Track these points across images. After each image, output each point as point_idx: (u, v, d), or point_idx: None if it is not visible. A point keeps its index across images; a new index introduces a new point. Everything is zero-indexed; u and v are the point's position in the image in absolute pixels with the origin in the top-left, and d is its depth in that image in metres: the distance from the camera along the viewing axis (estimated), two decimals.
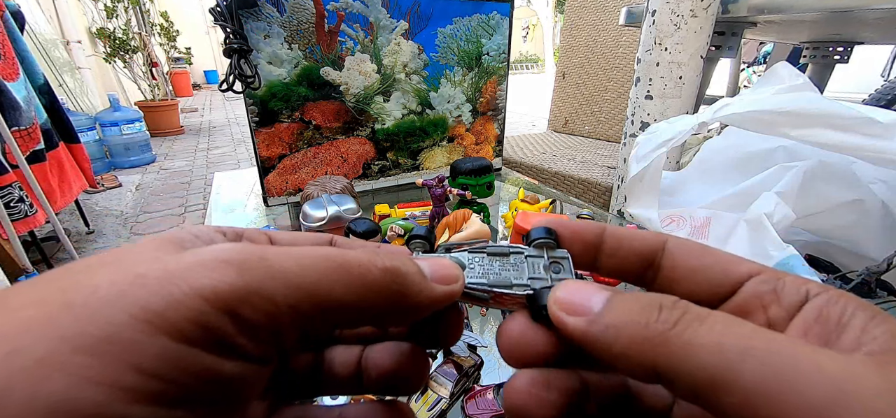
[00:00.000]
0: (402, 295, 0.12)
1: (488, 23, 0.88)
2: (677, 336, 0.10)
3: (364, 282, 0.11)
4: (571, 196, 1.15)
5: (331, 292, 0.11)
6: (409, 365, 0.15)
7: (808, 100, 0.38)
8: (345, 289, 0.11)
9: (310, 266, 0.11)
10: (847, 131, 0.35)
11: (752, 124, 0.40)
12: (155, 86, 3.60)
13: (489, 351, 0.46)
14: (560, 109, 1.80)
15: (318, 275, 0.11)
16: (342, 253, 0.11)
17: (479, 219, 0.59)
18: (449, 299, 0.14)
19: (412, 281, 0.12)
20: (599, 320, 0.12)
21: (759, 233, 0.39)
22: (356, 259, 0.12)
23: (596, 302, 0.12)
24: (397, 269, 0.12)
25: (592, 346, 0.12)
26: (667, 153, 0.46)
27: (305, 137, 0.78)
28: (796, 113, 0.37)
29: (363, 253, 0.12)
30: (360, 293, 0.11)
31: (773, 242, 0.37)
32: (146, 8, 3.85)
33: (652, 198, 0.48)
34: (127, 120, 2.72)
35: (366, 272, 0.11)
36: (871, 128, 0.34)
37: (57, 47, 2.72)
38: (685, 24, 0.72)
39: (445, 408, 0.37)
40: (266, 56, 0.69)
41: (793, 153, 0.47)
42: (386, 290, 0.12)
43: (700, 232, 0.45)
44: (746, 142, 0.52)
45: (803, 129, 0.37)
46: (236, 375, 0.10)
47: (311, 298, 0.11)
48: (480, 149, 0.99)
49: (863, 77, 2.76)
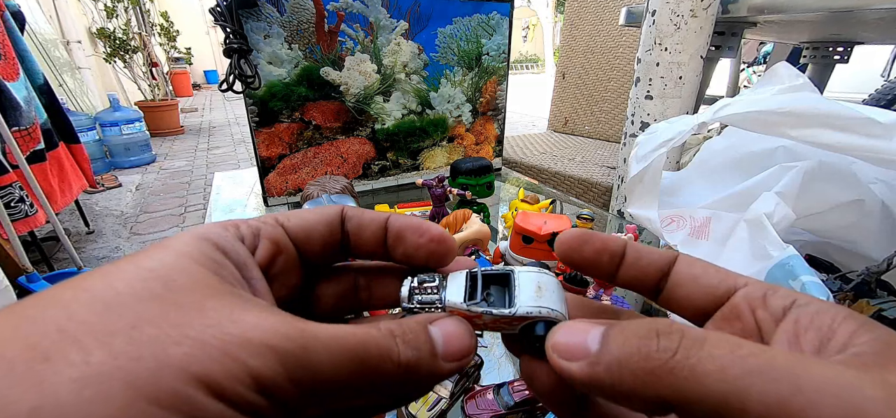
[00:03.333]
0: (415, 383, 0.13)
1: (488, 23, 0.88)
2: (680, 364, 0.10)
3: (381, 372, 0.12)
4: (571, 196, 1.15)
5: (350, 384, 0.12)
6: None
7: (807, 100, 0.38)
8: (363, 381, 0.12)
9: (340, 364, 0.12)
10: (847, 131, 0.34)
11: (752, 124, 0.40)
12: (155, 86, 3.60)
13: (489, 351, 0.46)
14: (560, 109, 1.80)
15: (347, 374, 0.12)
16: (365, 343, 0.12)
17: (479, 219, 0.59)
18: (459, 370, 0.14)
19: (425, 368, 0.13)
20: (600, 360, 0.12)
21: (759, 233, 0.39)
22: (377, 350, 0.12)
23: (592, 340, 0.12)
24: (415, 366, 0.13)
25: (600, 390, 0.12)
26: (667, 154, 0.46)
27: (305, 137, 0.78)
28: (796, 113, 0.37)
29: (383, 337, 0.13)
30: (377, 383, 0.12)
31: (772, 242, 0.37)
32: (146, 8, 3.85)
33: (652, 199, 0.47)
34: (127, 120, 2.72)
35: (384, 366, 0.12)
36: (871, 129, 0.34)
37: (57, 47, 2.72)
38: (685, 24, 0.72)
39: (445, 408, 0.37)
40: (266, 56, 0.69)
41: (793, 153, 0.47)
42: (401, 379, 0.13)
43: (700, 232, 0.45)
44: (746, 142, 0.52)
45: (803, 130, 0.37)
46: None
47: (334, 389, 0.12)
48: (480, 149, 0.99)
49: (863, 77, 2.76)
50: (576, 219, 0.59)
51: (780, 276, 0.34)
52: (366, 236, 0.17)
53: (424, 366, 0.13)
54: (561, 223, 0.55)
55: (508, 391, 0.37)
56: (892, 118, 0.33)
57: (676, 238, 0.45)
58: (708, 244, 0.44)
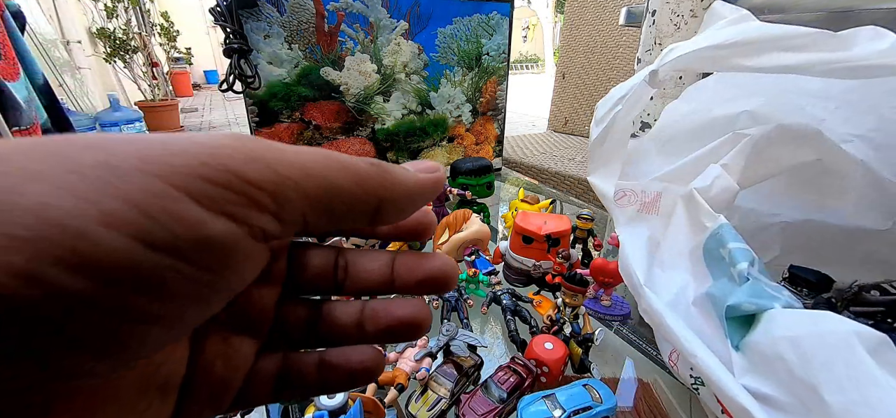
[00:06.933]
0: (390, 181, 0.13)
1: (488, 23, 0.88)
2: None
3: (357, 171, 0.12)
4: (571, 196, 1.15)
5: (327, 174, 0.12)
6: (414, 310, 0.16)
7: (755, 28, 0.36)
8: (340, 173, 0.12)
9: (309, 151, 0.12)
10: (802, 50, 0.33)
11: (703, 63, 0.38)
12: (155, 86, 3.60)
13: (489, 351, 0.46)
14: (560, 109, 1.80)
15: (317, 159, 0.12)
16: (334, 152, 0.13)
17: (479, 219, 0.59)
18: (433, 185, 0.15)
19: (396, 170, 0.14)
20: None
21: (694, 207, 0.37)
22: (346, 156, 0.13)
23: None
24: (381, 163, 0.13)
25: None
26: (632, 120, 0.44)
27: (305, 137, 0.78)
28: (745, 42, 0.35)
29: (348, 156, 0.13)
30: (355, 180, 0.12)
31: (706, 214, 0.36)
32: (146, 8, 3.85)
33: (614, 167, 0.44)
34: (127, 120, 2.72)
35: (357, 164, 0.13)
36: (827, 43, 0.32)
37: (57, 47, 2.72)
38: (685, 24, 0.72)
39: (445, 408, 0.37)
40: (266, 56, 0.69)
41: (756, 118, 0.44)
42: (376, 179, 0.13)
43: (650, 208, 0.43)
44: (708, 108, 0.49)
45: (757, 57, 0.35)
46: (228, 237, 0.10)
47: (311, 177, 0.11)
48: (480, 149, 0.99)
49: None
50: (576, 219, 0.59)
51: (713, 246, 0.34)
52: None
53: (398, 170, 0.14)
54: (561, 223, 0.55)
55: (496, 385, 0.37)
56: (845, 32, 0.32)
57: (626, 215, 0.43)
58: (657, 218, 0.42)
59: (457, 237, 0.56)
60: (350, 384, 0.16)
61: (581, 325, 0.44)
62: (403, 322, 0.16)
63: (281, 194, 0.11)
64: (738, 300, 0.29)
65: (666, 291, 0.35)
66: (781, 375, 0.25)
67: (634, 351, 0.46)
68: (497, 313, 0.50)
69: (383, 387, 0.38)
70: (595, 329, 0.44)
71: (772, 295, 0.28)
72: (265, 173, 0.11)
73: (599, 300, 0.51)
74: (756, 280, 0.29)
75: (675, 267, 0.37)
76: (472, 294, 0.53)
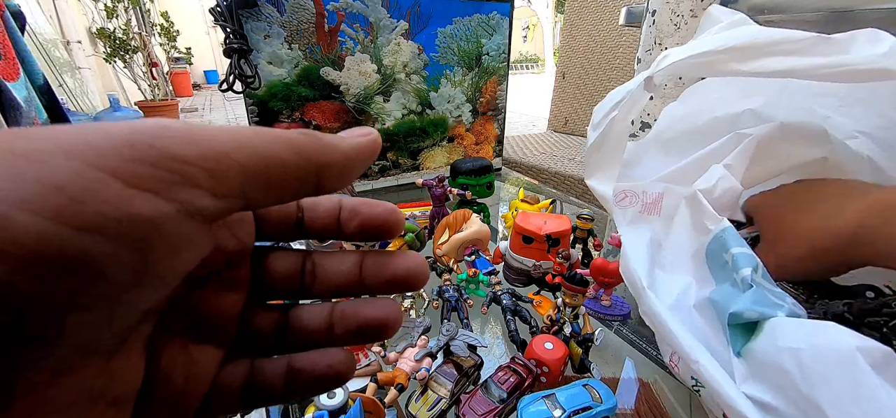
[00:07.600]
0: (326, 146, 0.13)
1: (488, 23, 0.88)
2: None
3: (290, 139, 0.12)
4: (571, 196, 1.15)
5: (259, 144, 0.12)
6: (383, 310, 0.16)
7: (751, 33, 0.36)
8: (273, 143, 0.12)
9: (241, 128, 0.12)
10: (798, 55, 0.33)
11: (697, 69, 0.38)
12: (155, 86, 3.60)
13: (489, 351, 0.46)
14: (560, 109, 1.80)
15: (248, 132, 0.12)
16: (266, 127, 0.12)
17: (480, 219, 0.59)
18: (369, 147, 0.14)
19: (331, 136, 0.14)
20: None
21: (697, 209, 0.37)
22: (278, 129, 0.12)
23: None
24: (314, 132, 0.13)
25: None
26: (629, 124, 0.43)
27: None
28: (740, 47, 0.35)
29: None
30: (290, 148, 0.12)
31: (709, 216, 0.36)
32: (146, 8, 3.85)
33: (611, 171, 0.44)
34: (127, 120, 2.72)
35: (289, 134, 0.12)
36: (826, 47, 0.32)
37: (57, 47, 2.72)
38: (685, 24, 0.72)
39: (445, 408, 0.37)
40: (266, 56, 0.69)
41: (759, 116, 0.44)
42: (312, 145, 0.13)
43: (653, 207, 0.42)
44: (711, 108, 0.49)
45: (752, 63, 0.34)
46: (156, 215, 0.10)
47: (243, 148, 0.11)
48: (480, 149, 0.99)
49: None
50: (576, 219, 0.59)
51: (716, 249, 0.34)
52: (320, 212, 0.16)
53: (330, 138, 0.13)
54: (561, 223, 0.55)
55: (496, 385, 0.37)
56: (843, 36, 0.32)
57: (627, 216, 0.43)
58: (659, 219, 0.42)
59: (457, 237, 0.56)
60: (318, 389, 0.16)
61: (581, 325, 0.44)
62: (373, 322, 0.15)
63: (214, 169, 0.11)
64: (740, 308, 0.28)
65: (668, 294, 0.35)
66: (783, 386, 0.25)
67: (634, 351, 0.46)
68: (497, 313, 0.50)
69: (383, 387, 0.38)
70: (595, 329, 0.44)
71: (775, 303, 0.28)
72: (194, 149, 0.10)
73: (599, 300, 0.51)
74: (759, 286, 0.29)
75: (678, 269, 0.37)
76: (472, 294, 0.53)
